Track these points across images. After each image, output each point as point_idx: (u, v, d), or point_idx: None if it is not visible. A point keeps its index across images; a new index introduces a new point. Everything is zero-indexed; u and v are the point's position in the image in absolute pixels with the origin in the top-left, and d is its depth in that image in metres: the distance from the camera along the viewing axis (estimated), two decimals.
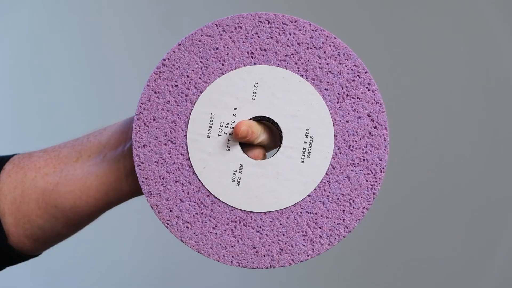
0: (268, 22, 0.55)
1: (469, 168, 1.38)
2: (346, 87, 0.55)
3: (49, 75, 1.40)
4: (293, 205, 0.55)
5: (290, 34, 0.55)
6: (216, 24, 0.56)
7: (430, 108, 1.38)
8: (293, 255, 0.55)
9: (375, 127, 0.55)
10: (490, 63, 1.36)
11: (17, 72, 1.39)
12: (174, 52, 0.55)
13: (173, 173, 0.55)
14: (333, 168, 0.55)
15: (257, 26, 0.55)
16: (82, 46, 1.40)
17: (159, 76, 0.56)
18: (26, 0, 1.37)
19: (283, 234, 0.55)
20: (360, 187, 0.55)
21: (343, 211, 0.55)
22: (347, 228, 0.55)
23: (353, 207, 0.55)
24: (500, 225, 1.37)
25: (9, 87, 1.39)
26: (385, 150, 0.55)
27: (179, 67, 0.55)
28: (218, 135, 0.55)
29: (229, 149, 0.55)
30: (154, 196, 0.55)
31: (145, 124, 0.56)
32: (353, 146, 0.55)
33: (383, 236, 1.40)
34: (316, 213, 0.55)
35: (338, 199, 0.55)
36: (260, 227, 0.55)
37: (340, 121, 0.55)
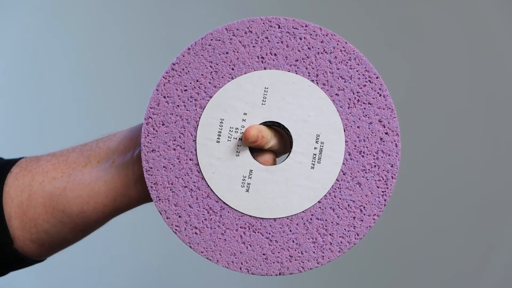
0: (279, 27, 0.55)
1: (475, 171, 1.38)
2: (357, 92, 0.55)
3: (56, 79, 1.40)
4: (303, 212, 0.54)
5: (300, 39, 0.55)
6: (226, 28, 0.55)
7: (437, 113, 1.37)
8: (303, 262, 0.54)
9: (386, 133, 0.54)
10: (500, 69, 1.35)
11: (24, 75, 1.39)
12: (183, 56, 0.55)
13: (182, 179, 0.55)
14: (344, 174, 0.54)
15: (267, 30, 0.55)
16: (92, 50, 1.40)
17: (169, 81, 0.55)
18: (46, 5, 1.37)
19: (293, 241, 0.54)
20: (371, 193, 0.54)
21: (354, 217, 0.54)
22: (357, 235, 0.54)
23: (364, 214, 0.54)
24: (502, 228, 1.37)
25: (15, 90, 1.39)
26: (396, 156, 0.54)
27: (188, 71, 0.55)
28: (228, 140, 0.55)
29: (238, 155, 0.55)
30: (162, 202, 0.55)
31: (154, 129, 0.55)
32: (364, 152, 0.54)
33: (386, 237, 1.39)
34: (326, 220, 0.54)
35: (348, 205, 0.54)
36: (269, 233, 0.55)
37: (351, 126, 0.54)
